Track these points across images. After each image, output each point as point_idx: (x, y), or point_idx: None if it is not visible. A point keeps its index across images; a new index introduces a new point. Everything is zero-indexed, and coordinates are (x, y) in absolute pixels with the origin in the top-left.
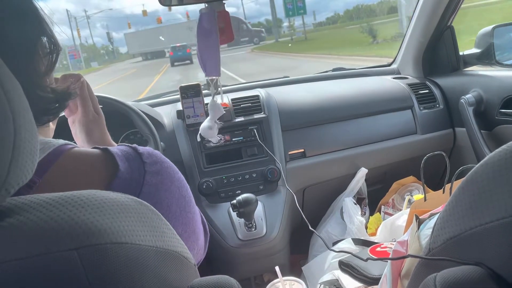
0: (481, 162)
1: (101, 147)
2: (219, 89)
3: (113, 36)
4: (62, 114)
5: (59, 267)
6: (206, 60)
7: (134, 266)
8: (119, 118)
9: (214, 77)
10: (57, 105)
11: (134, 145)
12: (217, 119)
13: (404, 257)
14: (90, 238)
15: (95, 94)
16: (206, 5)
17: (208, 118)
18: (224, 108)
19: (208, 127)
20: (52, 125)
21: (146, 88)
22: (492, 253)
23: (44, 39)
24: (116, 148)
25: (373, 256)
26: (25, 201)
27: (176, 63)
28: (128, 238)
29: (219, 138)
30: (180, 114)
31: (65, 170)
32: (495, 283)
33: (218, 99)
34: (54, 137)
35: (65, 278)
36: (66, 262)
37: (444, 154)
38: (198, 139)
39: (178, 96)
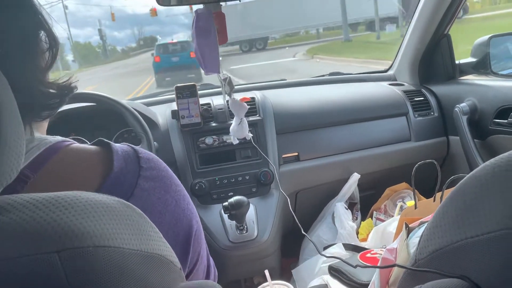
0: (469, 174)
1: (105, 141)
2: (233, 86)
3: (106, 34)
4: (60, 109)
5: (39, 270)
6: (205, 56)
7: (116, 270)
8: (114, 117)
9: (226, 76)
10: (58, 100)
11: (138, 148)
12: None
13: (390, 266)
14: (73, 240)
15: (90, 91)
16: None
17: (234, 118)
18: (246, 102)
19: (237, 126)
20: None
21: None
22: (476, 266)
23: (43, 33)
24: (119, 146)
25: (363, 263)
26: (8, 201)
27: (167, 78)
28: (112, 241)
29: (251, 135)
30: (174, 114)
31: (60, 167)
32: None
33: (235, 97)
34: (51, 133)
35: (45, 282)
36: (47, 265)
37: (435, 162)
38: (235, 142)
39: (174, 96)
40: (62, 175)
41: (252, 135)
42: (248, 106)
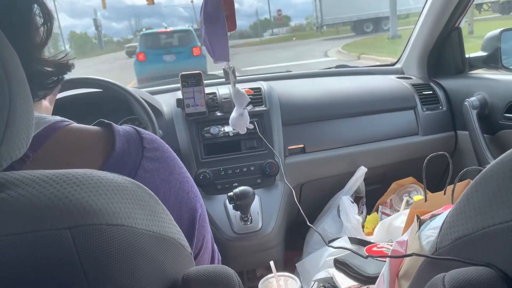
0: (496, 160)
1: (106, 121)
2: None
3: (102, 24)
4: (61, 96)
5: (51, 245)
6: (214, 45)
7: (129, 249)
8: (118, 104)
9: (232, 66)
10: (55, 78)
11: (141, 129)
12: (245, 106)
13: (407, 256)
14: (85, 217)
15: (96, 77)
16: None
17: (235, 108)
18: (248, 95)
19: (238, 116)
20: (49, 105)
21: None
22: (503, 254)
23: (36, 7)
24: (121, 127)
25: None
26: (17, 177)
27: (160, 86)
28: (124, 220)
29: (251, 126)
30: (179, 102)
31: (59, 146)
32: (506, 285)
33: (239, 86)
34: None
35: (56, 258)
36: (58, 241)
37: (447, 154)
38: (231, 132)
39: (179, 84)
40: (61, 154)
41: (252, 126)
42: (254, 97)
